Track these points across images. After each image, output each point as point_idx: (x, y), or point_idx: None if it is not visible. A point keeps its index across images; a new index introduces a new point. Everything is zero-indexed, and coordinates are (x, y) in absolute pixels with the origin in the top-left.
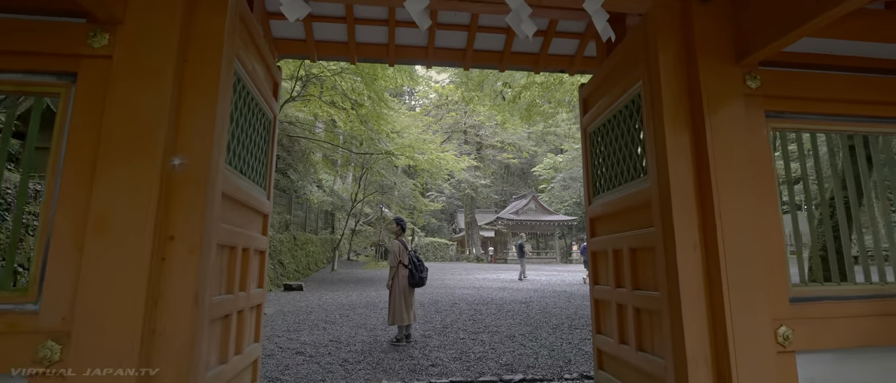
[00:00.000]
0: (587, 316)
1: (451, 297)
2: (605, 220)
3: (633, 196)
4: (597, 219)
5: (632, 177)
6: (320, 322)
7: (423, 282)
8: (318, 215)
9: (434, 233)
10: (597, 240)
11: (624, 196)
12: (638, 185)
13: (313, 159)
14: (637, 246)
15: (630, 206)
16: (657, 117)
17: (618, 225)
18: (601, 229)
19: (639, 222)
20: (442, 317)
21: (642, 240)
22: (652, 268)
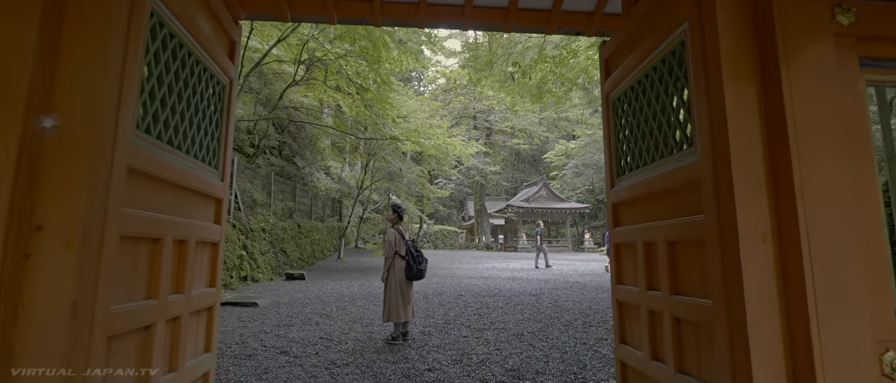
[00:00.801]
0: (603, 312)
1: (457, 288)
2: (633, 206)
3: (673, 174)
4: (621, 204)
5: (671, 150)
6: (315, 315)
7: (422, 275)
8: (326, 202)
9: (443, 220)
10: (621, 230)
11: (659, 175)
12: (680, 160)
13: (320, 146)
14: (678, 238)
15: (668, 188)
16: (712, 67)
17: (650, 211)
18: (627, 217)
19: (681, 207)
20: (445, 312)
21: (686, 231)
22: (699, 268)
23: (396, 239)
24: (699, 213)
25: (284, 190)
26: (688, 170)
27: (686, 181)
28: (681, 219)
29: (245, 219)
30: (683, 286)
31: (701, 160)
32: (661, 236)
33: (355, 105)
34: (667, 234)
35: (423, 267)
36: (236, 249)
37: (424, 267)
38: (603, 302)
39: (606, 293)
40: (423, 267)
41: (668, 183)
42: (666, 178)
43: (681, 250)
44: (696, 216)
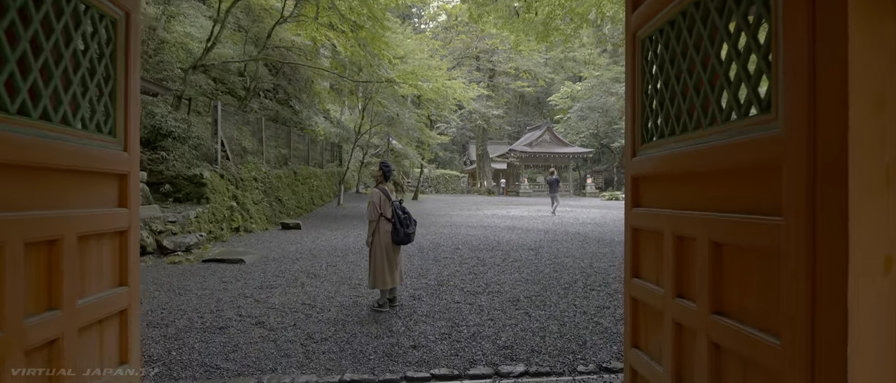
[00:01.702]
0: (605, 271)
1: (455, 240)
2: (663, 184)
3: (732, 150)
4: (645, 179)
5: (727, 115)
6: (302, 274)
7: (410, 239)
8: (325, 148)
9: (445, 165)
10: (643, 212)
11: (707, 149)
12: (745, 132)
13: (317, 89)
14: (732, 240)
15: (722, 168)
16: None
17: (689, 195)
18: (653, 197)
19: (742, 199)
20: (439, 270)
21: (748, 234)
22: (762, 288)
23: (381, 200)
24: (774, 213)
25: (279, 136)
26: (758, 147)
27: (754, 163)
28: (740, 216)
29: (234, 168)
30: (731, 305)
31: (785, 134)
32: (704, 233)
33: (350, 45)
34: (713, 232)
35: (411, 230)
36: (226, 200)
37: (412, 230)
38: (604, 258)
39: (607, 246)
40: (412, 230)
41: (722, 161)
42: (718, 154)
43: (733, 257)
44: (768, 216)
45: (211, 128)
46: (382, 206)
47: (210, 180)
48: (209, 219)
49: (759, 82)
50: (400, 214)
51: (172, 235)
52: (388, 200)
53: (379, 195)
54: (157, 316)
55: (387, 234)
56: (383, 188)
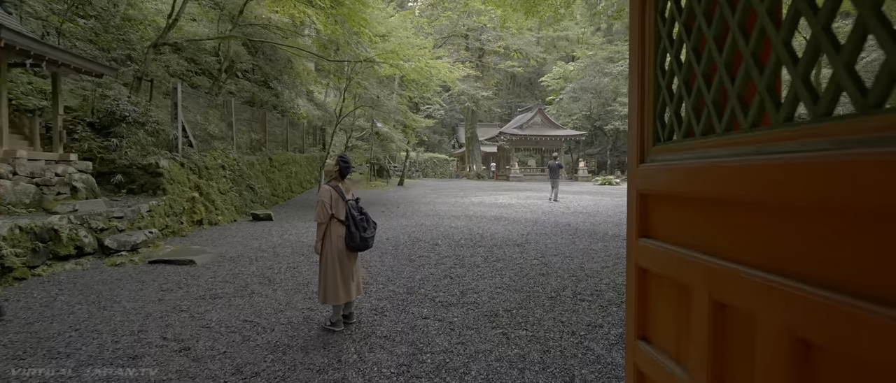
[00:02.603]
0: (597, 273)
1: (436, 233)
2: (696, 212)
3: (874, 171)
4: (663, 199)
5: (872, 104)
6: (255, 279)
7: (368, 244)
8: (307, 131)
9: (434, 148)
10: (657, 248)
11: (800, 162)
12: None
13: (299, 69)
14: (850, 347)
15: (841, 204)
16: None
17: (752, 240)
18: (674, 227)
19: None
20: (411, 273)
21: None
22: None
23: (332, 198)
24: None
25: (254, 119)
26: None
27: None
28: (878, 309)
29: (198, 155)
30: None
31: None
32: (781, 314)
33: (330, 22)
34: (802, 318)
35: (369, 234)
36: (186, 191)
37: (371, 234)
38: (596, 256)
39: (600, 240)
40: (370, 234)
41: (844, 191)
42: (835, 176)
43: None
44: None
45: (171, 112)
46: (334, 206)
47: (168, 169)
48: (165, 213)
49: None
50: (355, 216)
51: (118, 233)
52: (341, 199)
53: (330, 193)
54: (62, 342)
55: (339, 239)
56: (336, 185)
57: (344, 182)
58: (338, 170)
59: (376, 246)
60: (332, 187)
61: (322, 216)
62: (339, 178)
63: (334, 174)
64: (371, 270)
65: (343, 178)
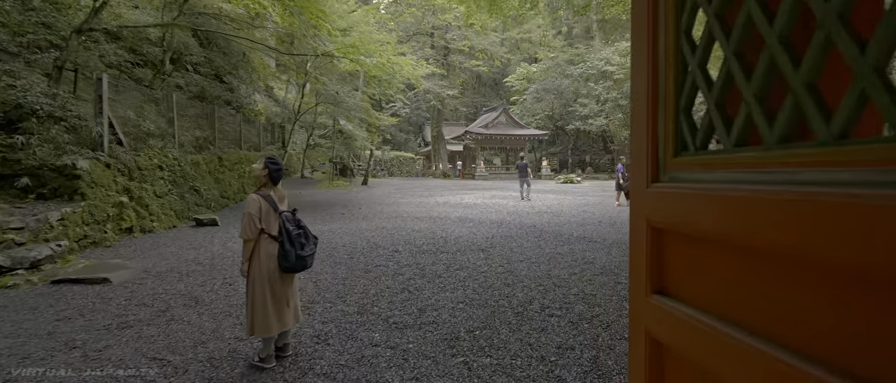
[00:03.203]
0: (565, 282)
1: (397, 237)
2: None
3: None
4: (690, 241)
5: None
6: (180, 299)
7: (305, 265)
8: (266, 129)
9: (400, 146)
10: (677, 310)
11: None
12: None
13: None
14: None
15: None
16: None
17: (855, 327)
18: (711, 286)
19: None
20: (366, 287)
21: None
22: None
23: (262, 210)
24: None
25: (202, 115)
26: None
27: None
28: None
29: (128, 155)
30: None
31: None
32: None
33: (287, 14)
34: None
35: (307, 252)
36: (112, 195)
37: (310, 251)
38: (563, 261)
39: (565, 243)
40: (309, 252)
41: None
42: None
43: None
44: None
45: (94, 107)
46: (264, 219)
47: (89, 171)
48: (83, 221)
49: None
50: (290, 230)
51: (16, 246)
52: (273, 210)
53: (259, 203)
54: None
55: (271, 259)
56: (266, 193)
57: (277, 189)
58: (267, 175)
59: (329, 255)
60: (261, 196)
61: (249, 231)
62: (270, 185)
63: (264, 180)
64: (320, 285)
65: (275, 184)
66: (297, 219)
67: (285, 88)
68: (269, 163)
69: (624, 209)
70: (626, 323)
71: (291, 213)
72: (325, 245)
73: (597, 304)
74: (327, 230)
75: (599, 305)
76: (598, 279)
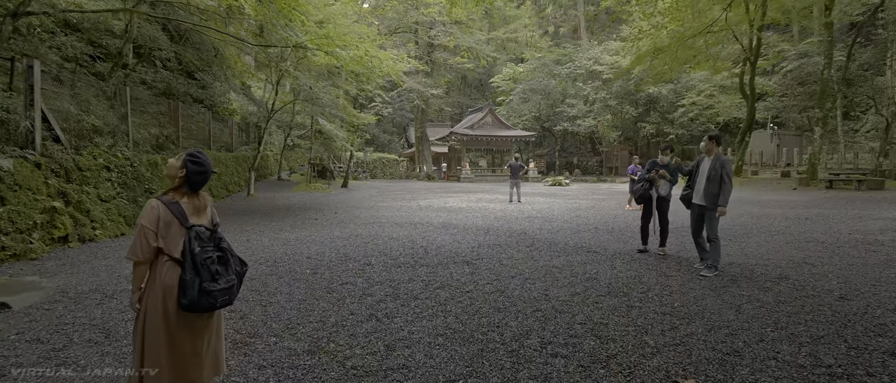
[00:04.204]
0: (566, 304)
1: (371, 247)
2: None
3: None
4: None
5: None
6: (84, 334)
7: (214, 303)
8: (242, 128)
9: (384, 147)
10: None
11: None
12: None
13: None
14: None
15: None
16: None
17: None
18: None
19: None
20: (325, 312)
21: None
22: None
23: (160, 221)
24: None
25: (164, 112)
26: None
27: None
28: None
29: (66, 154)
30: None
31: None
32: None
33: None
34: None
35: (219, 284)
36: (42, 199)
37: (225, 284)
38: (561, 277)
39: (562, 254)
40: (223, 284)
41: None
42: None
43: None
44: None
45: (25, 98)
46: (163, 234)
47: (11, 171)
48: (4, 230)
49: None
50: (194, 252)
51: None
52: (176, 222)
53: (157, 212)
54: None
55: (170, 291)
56: (175, 201)
57: (196, 196)
58: (184, 177)
59: (289, 271)
60: (163, 203)
61: (138, 250)
62: (184, 190)
63: (178, 181)
64: (269, 311)
65: (195, 190)
66: (218, 237)
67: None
68: (189, 160)
69: (621, 214)
70: (653, 367)
71: (209, 229)
72: (287, 258)
73: (610, 338)
74: (294, 239)
75: (614, 340)
76: (605, 302)
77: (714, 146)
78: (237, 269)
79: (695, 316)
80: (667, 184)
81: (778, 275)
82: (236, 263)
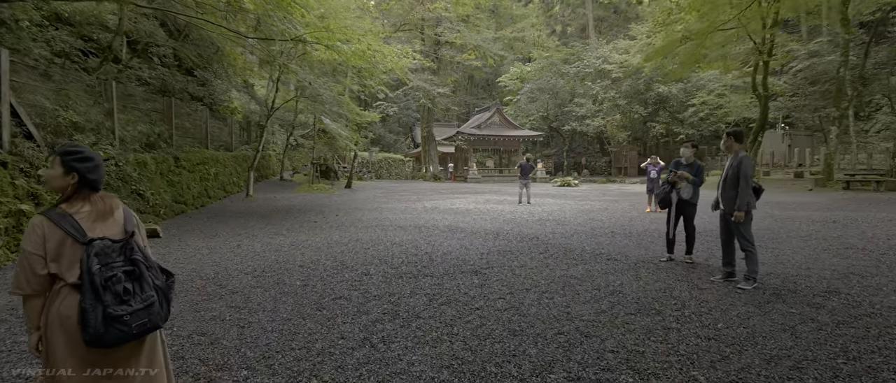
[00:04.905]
0: (591, 324)
1: (371, 253)
2: None
3: None
4: None
5: None
6: (14, 369)
7: (131, 330)
8: (242, 127)
9: (390, 147)
10: None
11: None
12: None
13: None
14: None
15: None
16: None
17: None
18: None
19: None
20: (310, 335)
21: None
22: None
23: (46, 242)
24: None
25: (156, 110)
26: None
27: None
28: None
29: (38, 153)
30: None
31: None
32: None
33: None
34: None
35: (130, 306)
36: (7, 202)
37: (139, 306)
38: (584, 291)
39: (580, 262)
40: (136, 306)
41: None
42: None
43: None
44: None
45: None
46: (56, 257)
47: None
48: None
49: None
50: (92, 272)
51: None
52: (70, 240)
53: (41, 231)
54: None
55: (70, 324)
56: (62, 213)
57: (97, 199)
58: (75, 184)
59: (278, 282)
60: (50, 219)
61: (25, 282)
62: (85, 194)
63: (71, 189)
64: (246, 333)
65: (95, 191)
66: (130, 247)
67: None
68: (71, 160)
69: (639, 217)
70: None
71: (115, 241)
72: (278, 267)
73: (651, 372)
74: (288, 244)
75: (657, 375)
76: (637, 322)
77: (733, 143)
78: (156, 283)
79: (746, 342)
80: (689, 186)
81: (826, 288)
82: (155, 276)
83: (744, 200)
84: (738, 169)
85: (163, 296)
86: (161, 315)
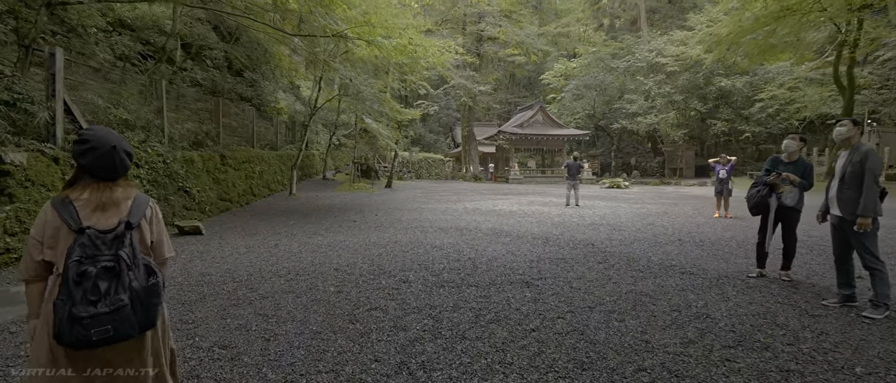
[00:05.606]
0: (685, 364)
1: (411, 257)
2: None
3: None
4: None
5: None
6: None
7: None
8: (289, 127)
9: (430, 147)
10: None
11: None
12: None
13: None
14: None
15: None
16: None
17: None
18: None
19: None
20: (339, 354)
21: None
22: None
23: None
24: None
25: (205, 109)
26: None
27: None
28: None
29: None
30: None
31: None
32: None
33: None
34: None
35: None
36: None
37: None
38: (656, 311)
39: (648, 276)
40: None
41: None
42: None
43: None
44: None
45: (47, 88)
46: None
47: (24, 165)
48: (7, 230)
49: None
50: (68, 266)
51: None
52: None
53: (45, 216)
54: None
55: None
56: (65, 198)
57: (111, 187)
58: (76, 169)
59: (310, 287)
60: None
61: (23, 266)
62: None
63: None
64: (270, 347)
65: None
66: (119, 239)
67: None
68: (73, 143)
69: (708, 223)
70: None
71: (106, 231)
72: (313, 270)
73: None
74: (325, 245)
75: None
76: (740, 358)
77: (857, 133)
78: (133, 285)
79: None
80: (794, 189)
81: None
82: (137, 276)
83: (871, 204)
84: (861, 164)
85: (139, 302)
86: (132, 322)
